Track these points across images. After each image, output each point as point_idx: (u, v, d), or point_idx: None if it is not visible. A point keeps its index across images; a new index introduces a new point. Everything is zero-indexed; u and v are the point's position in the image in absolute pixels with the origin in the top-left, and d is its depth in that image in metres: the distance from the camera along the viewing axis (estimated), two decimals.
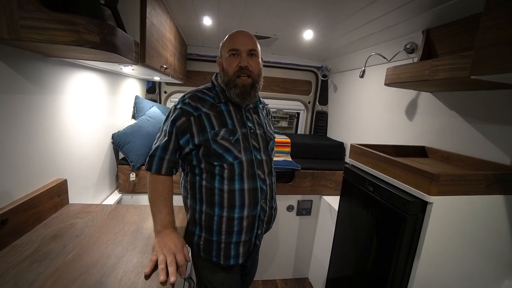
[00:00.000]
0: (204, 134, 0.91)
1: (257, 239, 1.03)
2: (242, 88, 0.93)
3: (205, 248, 0.98)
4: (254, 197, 0.96)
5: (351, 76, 2.23)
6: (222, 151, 0.91)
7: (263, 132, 1.03)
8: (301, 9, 1.35)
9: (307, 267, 2.16)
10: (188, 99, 0.94)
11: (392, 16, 1.28)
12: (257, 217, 0.98)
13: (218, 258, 0.98)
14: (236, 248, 0.98)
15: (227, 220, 0.94)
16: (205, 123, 0.92)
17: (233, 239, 0.97)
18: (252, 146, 0.97)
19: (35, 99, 0.92)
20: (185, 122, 0.91)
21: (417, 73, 1.08)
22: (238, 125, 0.96)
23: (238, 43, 0.94)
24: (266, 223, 1.04)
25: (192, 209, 1.00)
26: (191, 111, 0.92)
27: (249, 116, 1.01)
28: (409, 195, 0.91)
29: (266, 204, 1.00)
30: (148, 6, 1.08)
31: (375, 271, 1.07)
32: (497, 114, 1.06)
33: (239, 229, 0.96)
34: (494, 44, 0.67)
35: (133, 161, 1.61)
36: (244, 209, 0.95)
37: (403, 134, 1.57)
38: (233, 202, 0.93)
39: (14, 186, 0.85)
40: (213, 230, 0.96)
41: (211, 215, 0.95)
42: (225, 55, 0.96)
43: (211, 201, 0.94)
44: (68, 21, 0.67)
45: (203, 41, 2.22)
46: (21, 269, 0.69)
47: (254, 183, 0.96)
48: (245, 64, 0.93)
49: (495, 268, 0.96)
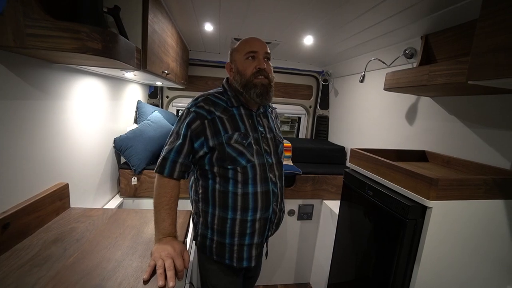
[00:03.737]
0: (218, 137, 0.92)
1: (266, 241, 1.05)
2: (262, 87, 0.95)
3: (218, 251, 0.99)
4: (266, 200, 0.98)
5: (351, 81, 2.24)
6: (236, 154, 0.92)
7: (273, 136, 1.06)
8: (302, 15, 1.37)
9: (309, 272, 2.15)
10: (201, 102, 0.94)
11: (391, 22, 1.30)
12: (269, 219, 1.01)
13: (231, 260, 0.99)
14: (249, 251, 1.00)
15: (240, 223, 0.96)
16: (219, 127, 0.92)
17: (246, 241, 0.98)
18: (264, 150, 0.99)
19: (39, 104, 0.93)
20: (200, 125, 0.91)
21: (416, 78, 1.09)
22: (250, 129, 0.98)
23: (255, 46, 0.97)
24: (276, 225, 1.06)
25: (204, 212, 1.00)
26: (205, 114, 0.92)
27: (260, 121, 1.03)
28: (409, 199, 0.91)
29: (277, 207, 1.02)
30: (150, 14, 1.10)
31: (375, 276, 1.06)
32: (496, 119, 1.06)
33: (251, 231, 0.98)
34: (490, 50, 0.67)
35: (134, 165, 1.63)
36: (257, 211, 0.97)
37: (404, 139, 1.57)
38: (247, 205, 0.95)
39: (16, 190, 0.86)
40: (226, 233, 0.97)
41: (224, 218, 0.96)
42: (240, 59, 0.98)
43: (225, 204, 0.95)
44: (71, 29, 0.69)
45: (204, 47, 2.25)
46: (22, 272, 0.70)
47: (267, 186, 0.98)
48: (264, 66, 0.95)
49: (497, 273, 0.95)
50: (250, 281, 1.25)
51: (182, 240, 0.94)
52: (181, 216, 1.10)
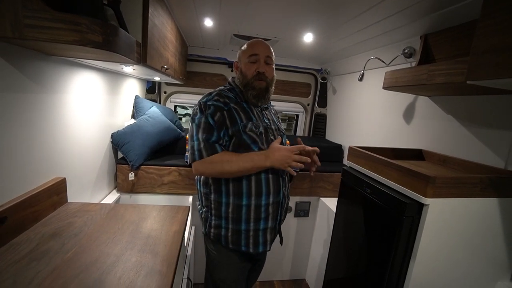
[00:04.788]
0: (235, 126, 1.00)
1: (279, 226, 1.14)
2: (259, 90, 1.06)
3: (233, 240, 1.05)
4: (277, 184, 1.06)
5: (350, 79, 2.25)
6: (250, 142, 1.01)
7: (277, 128, 1.16)
8: (302, 12, 1.37)
9: (305, 269, 2.17)
10: (216, 96, 1.02)
11: (390, 21, 1.30)
12: (280, 204, 1.08)
13: (247, 247, 1.05)
14: (264, 235, 1.06)
15: (255, 208, 1.02)
16: (235, 116, 1.01)
17: (261, 226, 1.05)
18: (271, 139, 1.08)
19: (36, 97, 0.92)
20: (221, 116, 0.99)
21: (415, 78, 1.09)
22: (259, 120, 1.07)
23: (257, 49, 1.06)
24: (285, 210, 1.15)
25: (217, 203, 1.05)
26: (222, 106, 1.00)
27: (265, 114, 1.13)
28: (406, 197, 0.92)
29: (286, 191, 1.12)
30: (150, 7, 1.09)
31: (371, 272, 1.08)
32: (492, 119, 1.07)
33: (266, 216, 1.05)
34: (489, 51, 0.68)
35: (132, 160, 1.61)
36: (270, 195, 1.04)
37: (401, 137, 1.58)
38: (260, 189, 1.02)
39: (13, 184, 0.85)
40: (241, 220, 1.03)
41: (239, 205, 1.02)
42: (244, 61, 1.07)
43: (239, 191, 1.02)
44: (71, 21, 0.68)
45: (203, 43, 2.23)
46: (20, 267, 0.70)
47: (276, 171, 1.06)
48: (263, 70, 1.05)
49: (489, 269, 0.97)
50: (252, 273, 1.29)
51: (181, 235, 0.94)
52: (179, 211, 1.11)
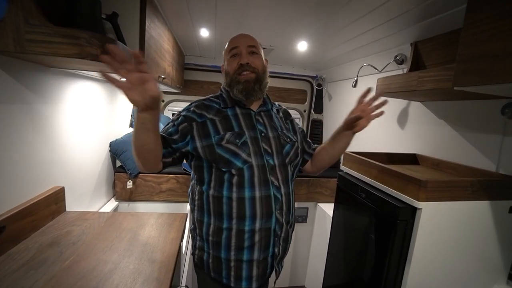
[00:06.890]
0: (207, 139, 0.87)
1: (275, 261, 0.91)
2: (245, 83, 0.90)
3: (214, 267, 0.89)
4: (267, 207, 0.86)
5: (344, 86, 2.28)
6: (229, 155, 0.85)
7: (277, 135, 0.95)
8: (296, 21, 1.41)
9: (304, 275, 2.16)
10: (193, 107, 0.93)
11: (382, 29, 1.34)
12: (272, 231, 0.88)
13: (228, 279, 0.88)
14: (248, 269, 0.87)
15: (237, 233, 0.85)
16: (209, 129, 0.88)
17: (244, 257, 0.86)
18: (264, 150, 0.90)
19: (35, 108, 0.94)
20: (187, 126, 0.89)
21: (406, 84, 1.12)
22: (246, 128, 0.91)
23: (236, 41, 0.94)
24: (283, 240, 0.92)
25: (199, 222, 0.92)
26: (194, 118, 0.90)
27: (260, 119, 0.96)
28: (400, 201, 0.94)
29: (282, 217, 0.90)
30: (147, 20, 1.12)
31: (368, 277, 1.08)
32: (481, 123, 1.10)
33: (250, 244, 0.86)
34: (473, 58, 0.71)
35: (130, 169, 1.63)
36: (256, 220, 0.85)
37: (395, 142, 1.61)
38: (243, 212, 0.85)
39: (12, 194, 0.86)
40: (221, 246, 0.87)
41: (220, 228, 0.86)
42: (226, 58, 0.96)
43: (219, 211, 0.86)
44: (71, 35, 0.70)
45: (200, 51, 2.27)
46: (18, 276, 0.70)
47: (267, 190, 0.87)
48: (245, 61, 0.90)
49: (485, 272, 0.98)
50: None
51: (178, 242, 0.95)
52: (177, 218, 1.11)
